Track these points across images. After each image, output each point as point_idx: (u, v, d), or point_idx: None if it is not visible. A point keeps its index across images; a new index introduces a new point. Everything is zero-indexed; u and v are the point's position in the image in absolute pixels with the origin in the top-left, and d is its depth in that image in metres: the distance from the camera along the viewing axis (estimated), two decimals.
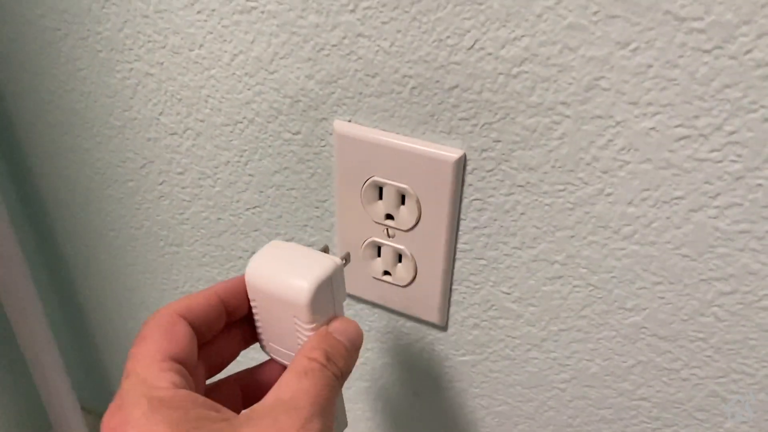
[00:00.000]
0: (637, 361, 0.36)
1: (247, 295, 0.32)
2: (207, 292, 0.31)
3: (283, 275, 0.30)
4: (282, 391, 0.28)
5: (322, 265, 0.31)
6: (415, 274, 0.40)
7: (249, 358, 0.35)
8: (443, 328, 0.42)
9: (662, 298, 0.34)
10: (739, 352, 0.33)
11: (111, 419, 0.26)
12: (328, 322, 0.31)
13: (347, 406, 0.53)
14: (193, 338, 0.30)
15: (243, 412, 0.27)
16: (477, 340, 0.42)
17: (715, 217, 0.30)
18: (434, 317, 0.42)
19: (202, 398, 0.27)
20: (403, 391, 0.48)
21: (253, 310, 0.32)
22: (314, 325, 0.30)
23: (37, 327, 0.62)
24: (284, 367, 0.32)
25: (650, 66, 0.28)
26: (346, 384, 0.51)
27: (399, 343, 0.46)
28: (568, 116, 0.31)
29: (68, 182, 0.54)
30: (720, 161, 0.28)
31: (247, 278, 0.32)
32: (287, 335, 0.32)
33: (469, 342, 0.42)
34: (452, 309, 0.41)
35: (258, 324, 0.33)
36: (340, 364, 0.30)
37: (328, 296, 0.31)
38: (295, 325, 0.31)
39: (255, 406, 0.27)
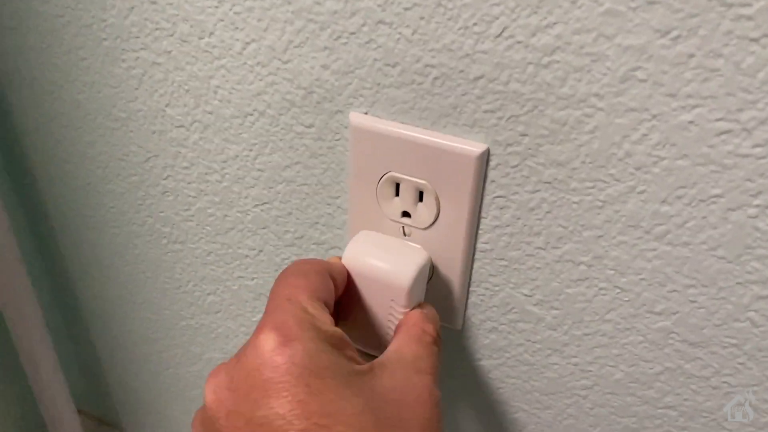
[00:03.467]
0: (664, 368, 0.35)
1: (343, 279, 0.34)
2: (321, 266, 0.33)
3: (382, 262, 0.34)
4: (404, 351, 0.31)
5: (419, 254, 0.35)
6: (432, 274, 0.38)
7: None
8: (458, 331, 0.41)
9: (694, 302, 0.32)
10: None
11: (273, 333, 0.27)
12: (418, 307, 0.35)
13: None
14: (333, 296, 0.32)
15: (374, 361, 0.29)
16: (494, 344, 0.40)
17: (755, 217, 0.28)
18: (449, 320, 0.40)
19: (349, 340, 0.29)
20: None
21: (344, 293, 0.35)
22: (408, 309, 0.34)
23: (34, 327, 0.60)
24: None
25: (692, 55, 0.26)
26: None
27: None
28: (600, 109, 0.29)
29: (68, 176, 0.52)
30: (763, 157, 0.27)
31: (344, 263, 0.35)
32: (378, 320, 0.35)
33: (486, 346, 0.40)
34: (469, 311, 0.40)
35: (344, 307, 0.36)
36: (440, 343, 0.33)
37: (422, 283, 0.35)
38: (391, 308, 0.34)
39: (381, 357, 0.30)
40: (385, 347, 0.35)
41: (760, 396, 0.33)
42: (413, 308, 0.34)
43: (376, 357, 0.32)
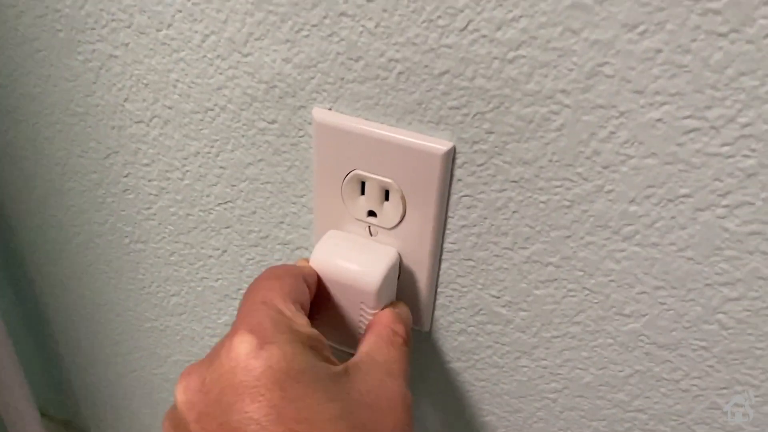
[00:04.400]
0: (634, 371, 0.34)
1: (314, 282, 0.34)
2: (294, 270, 0.33)
3: (350, 264, 0.34)
4: (376, 353, 0.30)
5: (387, 254, 0.35)
6: (399, 274, 0.37)
7: None
8: (426, 332, 0.40)
9: (663, 303, 0.31)
10: (743, 362, 0.31)
11: (248, 335, 0.26)
12: (390, 305, 0.35)
13: None
14: (308, 298, 0.32)
15: (348, 363, 0.29)
16: (462, 346, 0.39)
17: (723, 217, 0.28)
18: (417, 321, 0.39)
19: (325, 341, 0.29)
20: None
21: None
22: (378, 310, 0.34)
23: None
24: None
25: (659, 51, 0.25)
26: None
27: None
28: (567, 105, 0.28)
29: (25, 174, 0.50)
30: (732, 156, 0.26)
31: (312, 265, 0.34)
32: (348, 320, 0.35)
33: (454, 348, 0.39)
34: (437, 313, 0.39)
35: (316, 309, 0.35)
36: (409, 344, 0.33)
37: (392, 283, 0.35)
38: (361, 310, 0.34)
39: (354, 359, 0.30)
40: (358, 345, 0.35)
41: (728, 399, 0.32)
42: (385, 307, 0.34)
43: (350, 354, 0.31)
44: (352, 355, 0.33)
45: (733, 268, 0.29)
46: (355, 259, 0.34)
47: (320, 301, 0.35)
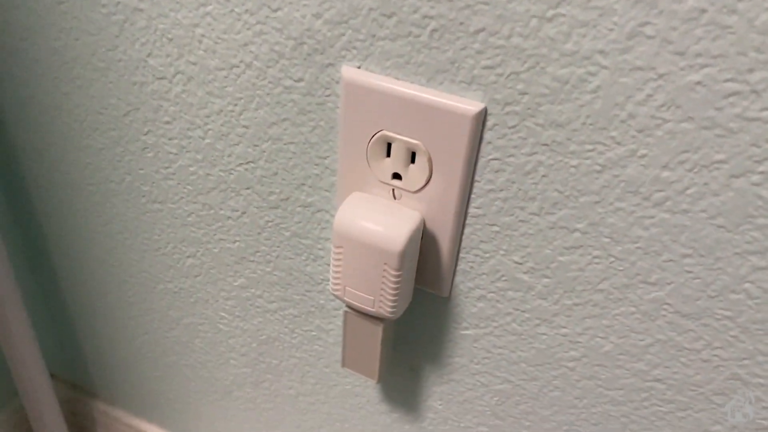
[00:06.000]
0: (655, 340, 0.34)
1: None
2: None
3: (375, 225, 0.34)
4: None
5: (411, 217, 0.35)
6: (421, 239, 0.37)
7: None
8: (445, 299, 0.40)
9: (690, 272, 0.31)
10: None
11: None
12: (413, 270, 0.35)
13: (334, 379, 0.51)
14: None
15: None
16: (482, 312, 0.39)
17: (758, 184, 0.28)
18: (437, 287, 0.39)
19: None
20: (398, 365, 0.46)
21: (337, 257, 0.36)
22: (402, 272, 0.34)
23: (5, 288, 0.58)
24: None
25: (704, 11, 0.25)
26: (331, 357, 0.49)
27: None
28: (605, 67, 0.28)
29: (43, 130, 0.50)
30: None
31: (336, 226, 0.35)
32: (371, 281, 0.35)
33: (473, 315, 0.39)
34: (457, 279, 0.39)
35: (338, 269, 0.36)
36: None
37: (415, 247, 0.35)
38: (384, 272, 0.34)
39: None
40: (379, 308, 0.36)
41: (749, 370, 0.32)
42: (408, 271, 0.35)
43: (373, 316, 0.31)
44: (366, 314, 0.33)
45: (764, 237, 0.29)
46: (379, 221, 0.34)
47: (345, 263, 0.35)
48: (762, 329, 0.31)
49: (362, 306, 0.37)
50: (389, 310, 0.36)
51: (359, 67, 0.34)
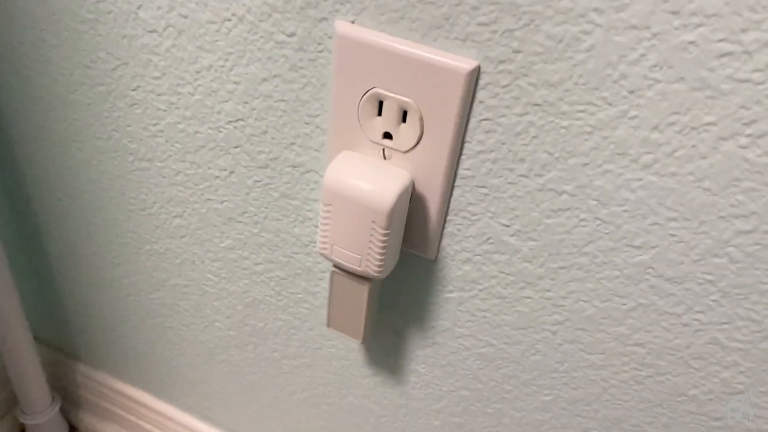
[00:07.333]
0: (637, 304, 0.35)
1: None
2: None
3: (364, 183, 0.34)
4: None
5: (400, 177, 0.35)
6: (410, 200, 0.37)
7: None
8: (431, 262, 0.40)
9: (674, 235, 0.32)
10: (747, 297, 0.32)
11: None
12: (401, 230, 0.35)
13: (319, 342, 0.51)
14: None
15: None
16: (467, 275, 0.39)
17: (745, 147, 0.28)
18: (424, 250, 0.39)
19: None
20: (382, 329, 0.46)
21: (325, 215, 0.36)
22: (390, 231, 0.34)
23: None
24: None
25: None
26: (317, 320, 0.49)
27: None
28: (599, 25, 0.28)
29: (28, 83, 0.49)
30: (762, 83, 0.26)
31: (326, 183, 0.35)
32: (359, 239, 0.35)
33: (458, 278, 0.40)
34: (444, 242, 0.39)
35: (326, 228, 0.36)
36: None
37: (403, 207, 0.35)
38: (372, 230, 0.34)
39: None
40: (366, 266, 0.36)
41: (728, 335, 0.33)
42: (395, 230, 0.34)
43: (359, 276, 0.30)
44: (353, 274, 0.33)
45: (749, 200, 0.29)
46: (369, 179, 0.34)
47: (338, 221, 0.35)
48: (742, 293, 0.32)
49: (349, 265, 0.37)
50: (376, 269, 0.36)
51: (353, 22, 0.33)
